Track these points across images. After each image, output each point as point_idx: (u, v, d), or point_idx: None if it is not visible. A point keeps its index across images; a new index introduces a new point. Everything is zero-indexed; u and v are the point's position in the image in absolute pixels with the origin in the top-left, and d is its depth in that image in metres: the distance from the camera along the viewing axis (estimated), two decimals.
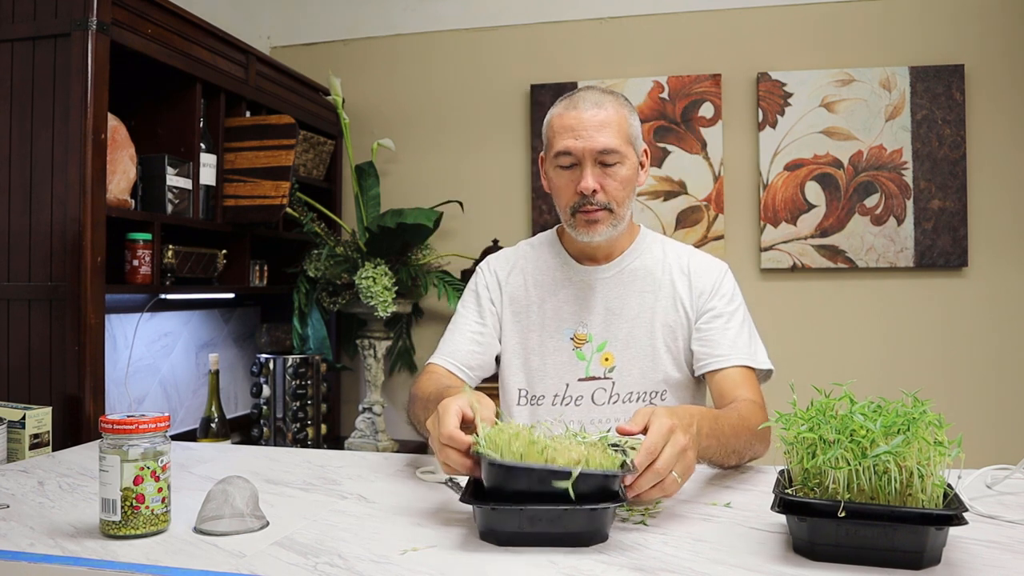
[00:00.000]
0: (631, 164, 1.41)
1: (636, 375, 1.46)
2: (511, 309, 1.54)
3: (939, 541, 0.83)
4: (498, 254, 1.63)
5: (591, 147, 1.36)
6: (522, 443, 0.94)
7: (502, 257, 1.61)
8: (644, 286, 1.49)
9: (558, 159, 1.40)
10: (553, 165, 1.42)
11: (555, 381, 1.48)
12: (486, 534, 0.93)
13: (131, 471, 0.96)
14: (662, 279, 1.49)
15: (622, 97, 1.44)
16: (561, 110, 1.41)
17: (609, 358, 1.46)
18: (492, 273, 1.58)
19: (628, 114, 1.42)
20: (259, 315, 3.01)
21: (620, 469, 0.94)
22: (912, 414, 0.87)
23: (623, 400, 1.45)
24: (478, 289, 1.58)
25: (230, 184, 2.40)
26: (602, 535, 0.93)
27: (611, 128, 1.37)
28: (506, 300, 1.54)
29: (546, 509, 0.90)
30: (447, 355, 1.51)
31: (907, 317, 2.82)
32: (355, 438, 2.82)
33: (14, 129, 1.84)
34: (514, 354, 1.52)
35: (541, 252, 1.57)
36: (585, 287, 1.50)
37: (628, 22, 3.03)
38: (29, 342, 1.81)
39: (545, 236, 1.60)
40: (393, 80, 3.21)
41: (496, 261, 1.60)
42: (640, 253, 1.52)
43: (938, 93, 2.76)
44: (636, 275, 1.50)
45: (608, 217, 1.41)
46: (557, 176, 1.42)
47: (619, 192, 1.40)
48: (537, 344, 1.50)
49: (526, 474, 0.91)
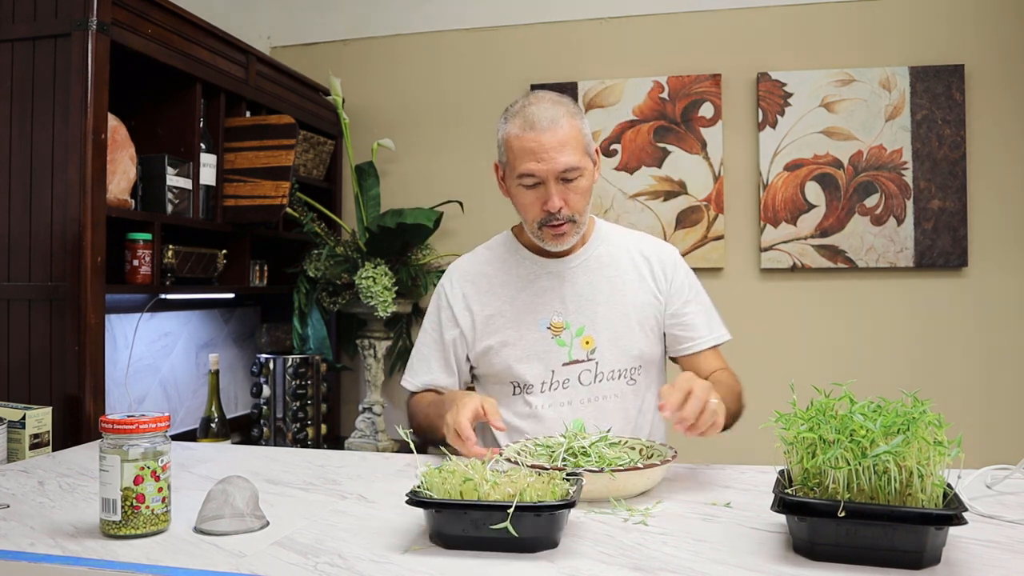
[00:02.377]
0: (589, 173, 1.50)
1: (617, 353, 1.55)
2: (483, 314, 1.59)
3: (939, 541, 0.83)
4: (457, 264, 1.68)
5: (554, 168, 1.44)
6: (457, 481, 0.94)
7: (461, 268, 1.66)
8: (611, 272, 1.59)
9: (521, 179, 1.46)
10: (516, 183, 1.48)
11: (540, 369, 1.55)
12: (433, 536, 0.93)
13: (131, 471, 0.96)
14: (626, 264, 1.60)
15: (570, 103, 1.50)
16: (518, 131, 1.46)
17: (589, 341, 1.54)
18: (454, 285, 1.64)
19: (580, 123, 1.48)
20: (259, 315, 3.01)
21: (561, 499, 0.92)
22: (912, 414, 0.87)
23: (607, 378, 1.55)
24: (440, 305, 1.64)
25: (230, 184, 2.40)
26: (551, 541, 0.91)
27: (570, 146, 1.44)
28: (475, 308, 1.60)
29: (489, 514, 0.89)
30: (427, 383, 1.62)
31: (907, 317, 2.82)
32: (355, 438, 2.82)
33: (14, 129, 1.84)
34: (496, 353, 1.57)
35: (500, 253, 1.64)
36: (554, 278, 1.58)
37: (628, 22, 3.03)
38: (29, 342, 1.81)
39: (501, 238, 1.68)
40: (393, 80, 3.21)
41: (456, 273, 1.66)
42: (601, 241, 1.62)
43: (938, 93, 2.76)
44: (602, 262, 1.60)
45: (572, 227, 1.51)
46: (521, 194, 1.49)
47: (581, 202, 1.49)
48: (516, 338, 1.56)
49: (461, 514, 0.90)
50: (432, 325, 1.64)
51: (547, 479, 0.96)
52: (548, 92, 1.51)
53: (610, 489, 1.10)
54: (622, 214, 2.96)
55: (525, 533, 0.88)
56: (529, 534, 0.89)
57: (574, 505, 0.91)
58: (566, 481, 0.97)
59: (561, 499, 0.92)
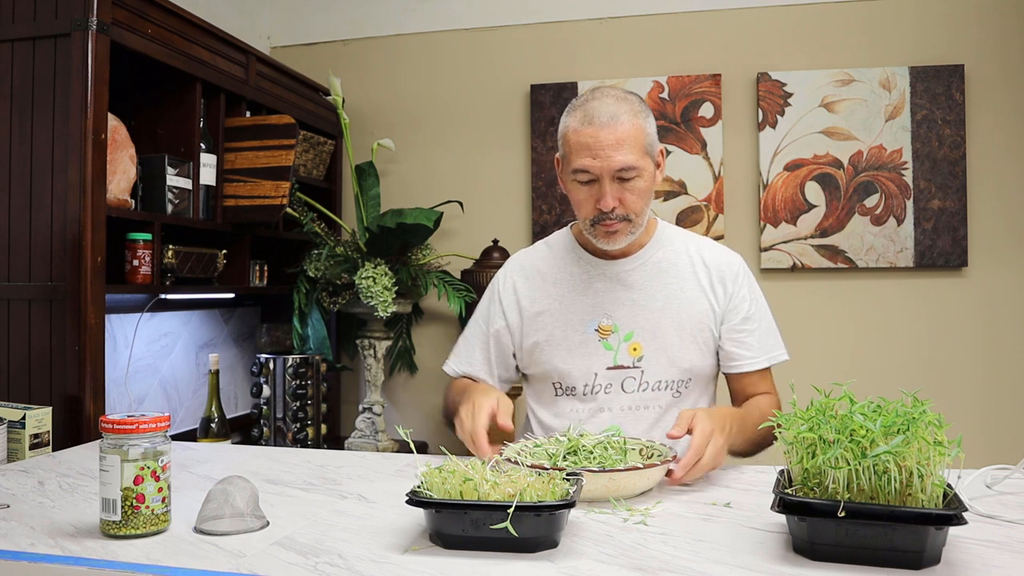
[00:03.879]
0: (648, 174, 1.44)
1: (665, 363, 1.50)
2: (532, 310, 1.57)
3: (939, 541, 0.83)
4: (515, 257, 1.67)
5: (609, 167, 1.39)
6: (457, 481, 0.94)
7: (517, 261, 1.65)
8: (668, 278, 1.54)
9: (576, 175, 1.43)
10: (571, 179, 1.45)
11: (583, 371, 1.52)
12: (433, 536, 0.93)
13: (131, 471, 0.96)
14: (685, 271, 1.55)
15: (636, 100, 1.44)
16: (577, 124, 1.41)
17: (637, 348, 1.50)
18: (507, 278, 1.62)
19: (643, 122, 1.43)
20: (259, 315, 3.01)
21: (561, 499, 0.92)
22: (912, 414, 0.87)
23: (652, 388, 1.51)
24: (492, 297, 1.63)
25: (230, 184, 2.40)
26: (551, 541, 0.91)
27: (627, 144, 1.39)
28: (524, 303, 1.58)
29: (489, 514, 0.89)
30: (465, 372, 1.62)
31: (907, 317, 2.82)
32: (355, 438, 2.82)
33: (14, 129, 1.84)
34: (542, 351, 1.54)
35: (557, 250, 1.61)
36: (608, 280, 1.54)
37: (628, 22, 3.03)
38: (29, 342, 1.81)
39: (561, 235, 1.64)
40: (393, 80, 3.21)
41: (511, 266, 1.65)
42: (661, 245, 1.57)
43: (938, 93, 2.76)
44: (660, 267, 1.55)
45: (627, 227, 1.46)
46: (576, 190, 1.45)
47: (637, 203, 1.44)
48: (562, 338, 1.53)
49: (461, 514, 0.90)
50: (481, 315, 1.63)
51: (547, 479, 0.96)
52: (615, 89, 1.46)
53: (610, 489, 1.10)
54: None
55: (525, 533, 0.88)
56: (529, 534, 0.89)
57: (574, 505, 0.91)
58: (566, 481, 0.97)
59: (561, 499, 0.92)
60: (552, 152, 3.00)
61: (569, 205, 2.98)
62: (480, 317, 1.63)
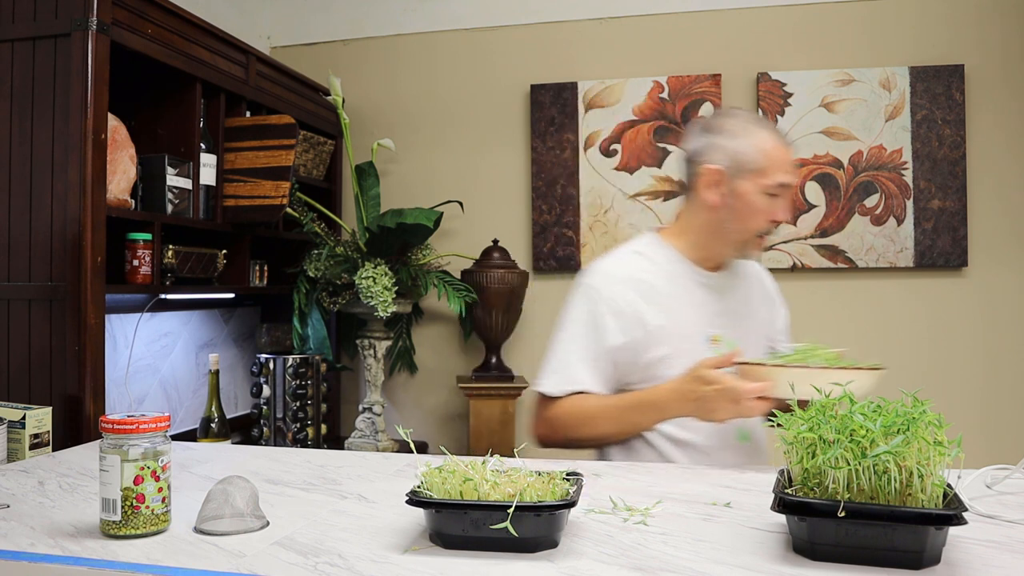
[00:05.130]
0: None
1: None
2: (654, 323, 1.51)
3: (939, 541, 0.83)
4: (615, 271, 1.58)
5: (796, 185, 1.49)
6: (457, 481, 0.94)
7: (624, 275, 1.56)
8: (749, 286, 1.66)
9: (772, 188, 1.49)
10: (759, 189, 1.50)
11: None
12: (433, 536, 0.93)
13: (131, 471, 0.96)
14: (754, 279, 1.68)
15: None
16: (776, 142, 1.51)
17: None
18: (626, 295, 1.53)
19: None
20: (259, 315, 3.01)
21: (561, 499, 0.92)
22: (912, 414, 0.87)
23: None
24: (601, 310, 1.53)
25: (230, 184, 2.40)
26: (551, 541, 0.91)
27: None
28: (646, 317, 1.51)
29: (489, 514, 0.89)
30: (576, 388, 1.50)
31: (907, 317, 2.82)
32: (355, 438, 2.82)
33: (14, 129, 1.84)
34: (665, 365, 1.49)
35: (662, 263, 1.59)
36: (711, 291, 1.58)
37: (628, 22, 3.03)
38: (29, 342, 1.81)
39: (654, 244, 1.62)
40: (393, 80, 3.21)
41: (619, 280, 1.56)
42: (740, 260, 1.65)
43: (938, 93, 2.76)
44: (748, 281, 1.66)
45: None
46: (760, 201, 1.50)
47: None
48: (683, 351, 1.48)
49: (461, 514, 0.90)
50: (587, 330, 1.52)
51: (547, 479, 0.96)
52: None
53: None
54: (622, 214, 2.96)
55: (525, 533, 0.88)
56: (529, 534, 0.89)
57: (574, 505, 0.91)
58: (566, 481, 0.97)
59: (561, 499, 0.92)
60: (552, 152, 3.00)
61: (569, 205, 3.00)
62: (585, 333, 1.53)
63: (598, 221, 2.97)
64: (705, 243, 1.57)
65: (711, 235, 1.56)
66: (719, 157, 1.52)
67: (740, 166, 1.50)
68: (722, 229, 1.54)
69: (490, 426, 2.80)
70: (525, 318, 2.99)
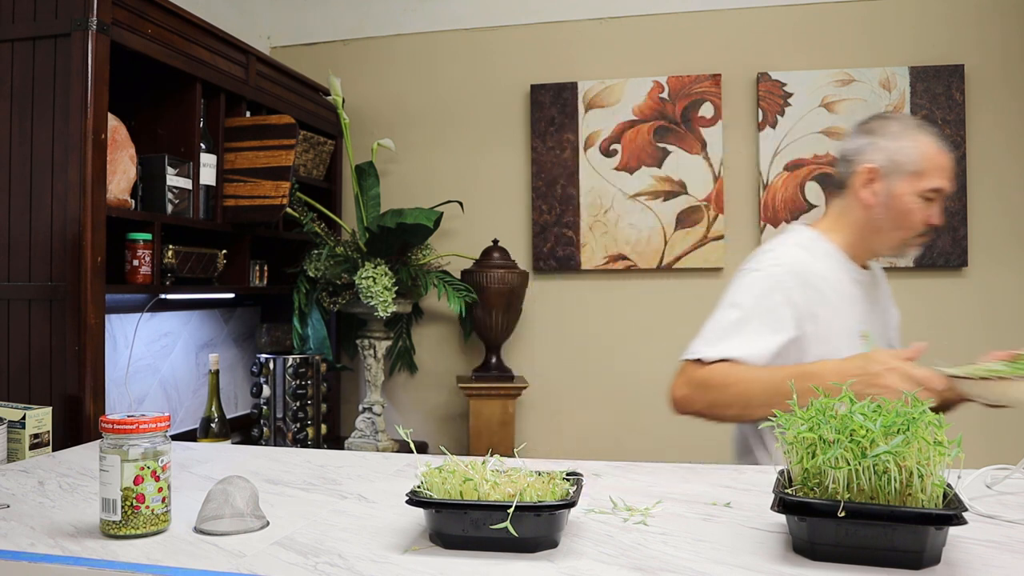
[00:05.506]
0: None
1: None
2: (823, 318, 1.51)
3: (939, 541, 0.83)
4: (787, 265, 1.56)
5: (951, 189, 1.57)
6: (457, 481, 0.94)
7: (794, 270, 1.54)
8: (883, 291, 1.72)
9: (928, 192, 1.53)
10: (915, 191, 1.53)
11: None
12: (433, 536, 0.93)
13: (131, 471, 0.96)
14: (882, 280, 1.74)
15: None
16: (938, 147, 1.54)
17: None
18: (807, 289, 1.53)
19: None
20: (259, 315, 3.01)
21: (561, 499, 0.92)
22: (912, 414, 0.87)
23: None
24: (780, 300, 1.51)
25: (230, 184, 2.40)
26: (551, 541, 0.91)
27: None
28: (818, 312, 1.51)
29: (489, 514, 0.89)
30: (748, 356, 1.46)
31: (906, 317, 2.80)
32: (355, 438, 2.82)
33: (14, 129, 1.84)
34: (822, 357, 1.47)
35: (825, 260, 1.59)
36: (862, 288, 1.62)
37: (628, 22, 3.03)
38: (29, 342, 1.81)
39: (816, 241, 1.62)
40: (393, 80, 3.21)
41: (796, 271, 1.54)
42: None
43: (938, 93, 2.76)
44: (880, 277, 1.73)
45: None
46: (914, 203, 1.53)
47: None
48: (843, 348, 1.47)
49: (461, 514, 0.90)
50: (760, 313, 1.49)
51: (547, 479, 0.96)
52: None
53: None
54: (622, 214, 2.96)
55: (525, 533, 0.88)
56: (529, 534, 0.89)
57: (574, 505, 0.91)
58: (566, 481, 0.97)
59: (561, 499, 0.92)
60: (552, 152, 3.00)
61: (569, 205, 3.00)
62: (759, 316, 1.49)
63: (598, 221, 2.97)
64: (860, 241, 1.61)
65: (868, 233, 1.60)
66: (878, 157, 1.55)
67: (898, 167, 1.54)
68: (878, 228, 1.58)
69: (490, 426, 2.80)
70: (525, 318, 2.99)
